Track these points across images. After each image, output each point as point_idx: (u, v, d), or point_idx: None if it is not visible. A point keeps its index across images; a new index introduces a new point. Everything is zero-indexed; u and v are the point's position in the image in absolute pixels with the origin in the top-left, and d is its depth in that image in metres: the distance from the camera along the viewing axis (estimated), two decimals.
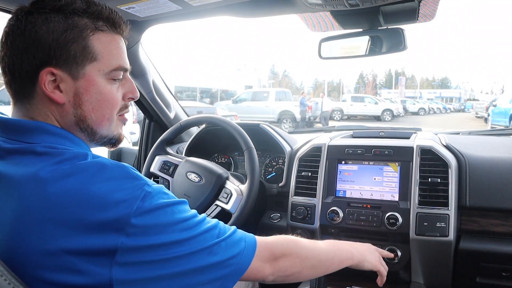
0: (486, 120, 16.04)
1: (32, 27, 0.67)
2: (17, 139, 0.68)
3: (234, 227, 0.77)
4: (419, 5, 1.17)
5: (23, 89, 0.70)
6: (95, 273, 0.60)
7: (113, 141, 0.79)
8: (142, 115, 1.95)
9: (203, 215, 0.74)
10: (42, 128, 0.69)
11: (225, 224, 0.77)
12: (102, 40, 0.72)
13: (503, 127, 12.35)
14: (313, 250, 0.91)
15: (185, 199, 0.72)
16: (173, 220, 0.66)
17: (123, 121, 0.80)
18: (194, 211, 0.72)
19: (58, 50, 0.68)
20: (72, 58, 0.68)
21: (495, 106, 14.28)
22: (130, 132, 6.81)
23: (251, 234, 0.79)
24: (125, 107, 0.79)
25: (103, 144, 0.78)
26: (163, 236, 0.64)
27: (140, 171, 1.85)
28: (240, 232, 0.77)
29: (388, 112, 21.10)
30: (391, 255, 1.24)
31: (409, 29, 1.31)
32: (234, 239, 0.74)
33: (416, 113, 26.75)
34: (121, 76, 0.75)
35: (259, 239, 0.79)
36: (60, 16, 0.68)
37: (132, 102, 0.84)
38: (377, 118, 20.88)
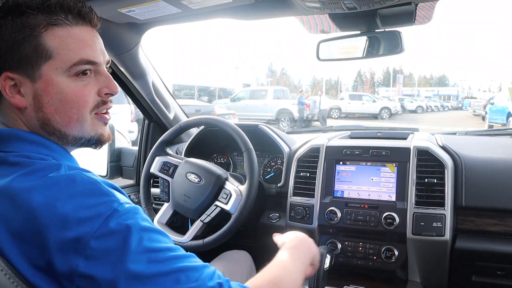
0: (483, 118, 16.08)
1: None
2: None
3: (227, 279, 0.65)
4: (416, 8, 1.19)
5: None
6: None
7: (92, 142, 0.73)
8: (140, 113, 1.96)
9: (188, 253, 0.63)
10: (16, 135, 0.67)
11: (220, 273, 0.65)
12: (57, 35, 0.66)
13: (500, 125, 12.40)
14: (291, 280, 0.79)
15: (163, 231, 0.63)
16: (140, 248, 0.57)
17: (103, 119, 0.73)
18: (173, 246, 0.62)
19: (10, 53, 0.65)
20: (24, 59, 0.65)
21: (492, 104, 14.31)
22: (129, 130, 6.83)
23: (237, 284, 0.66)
24: (103, 103, 0.72)
25: (81, 145, 0.73)
26: (124, 265, 0.55)
27: (140, 172, 1.87)
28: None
29: (386, 110, 21.09)
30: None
31: (406, 27, 1.32)
32: None
33: (414, 111, 26.74)
34: (88, 71, 0.69)
35: None
36: (11, 18, 0.65)
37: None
38: (375, 116, 20.89)
